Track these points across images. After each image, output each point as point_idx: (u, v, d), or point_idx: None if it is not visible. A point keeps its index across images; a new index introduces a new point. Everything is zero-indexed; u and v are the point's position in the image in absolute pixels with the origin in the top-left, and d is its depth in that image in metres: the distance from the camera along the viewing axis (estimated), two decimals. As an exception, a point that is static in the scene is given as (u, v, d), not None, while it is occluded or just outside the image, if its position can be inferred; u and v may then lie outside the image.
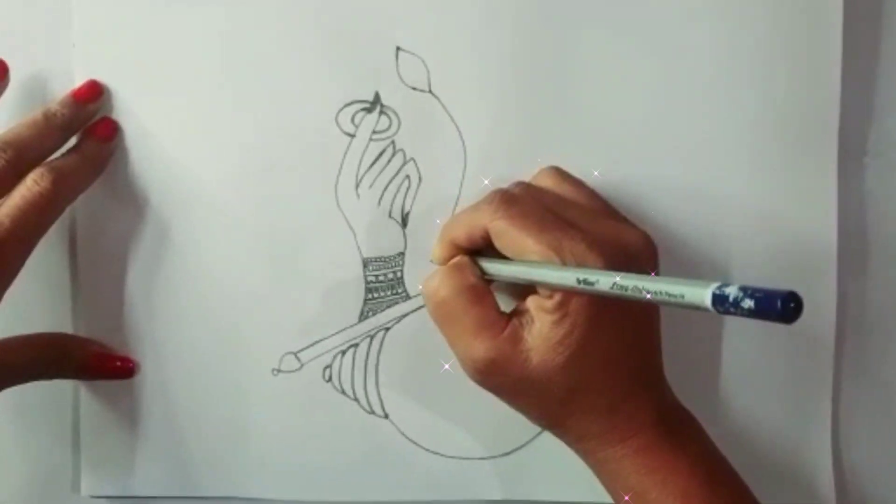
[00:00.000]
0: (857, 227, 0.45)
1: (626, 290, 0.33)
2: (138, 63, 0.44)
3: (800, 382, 0.45)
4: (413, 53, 0.44)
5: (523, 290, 0.40)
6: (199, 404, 0.45)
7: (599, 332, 0.37)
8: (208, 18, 0.44)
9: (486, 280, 0.40)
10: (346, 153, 0.44)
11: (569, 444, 0.40)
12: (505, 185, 0.42)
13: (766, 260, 0.44)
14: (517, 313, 0.39)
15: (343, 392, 0.45)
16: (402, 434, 0.45)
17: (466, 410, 0.45)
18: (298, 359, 0.45)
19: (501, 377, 0.38)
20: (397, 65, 0.44)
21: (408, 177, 0.45)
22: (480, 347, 0.38)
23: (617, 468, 0.38)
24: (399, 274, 0.45)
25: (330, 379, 0.45)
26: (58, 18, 0.44)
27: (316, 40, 0.44)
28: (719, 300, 0.29)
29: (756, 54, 0.44)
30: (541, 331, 0.37)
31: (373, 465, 0.45)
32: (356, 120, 0.44)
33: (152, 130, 0.44)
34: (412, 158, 0.44)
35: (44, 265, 0.44)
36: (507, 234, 0.38)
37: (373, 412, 0.45)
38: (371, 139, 0.44)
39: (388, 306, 0.45)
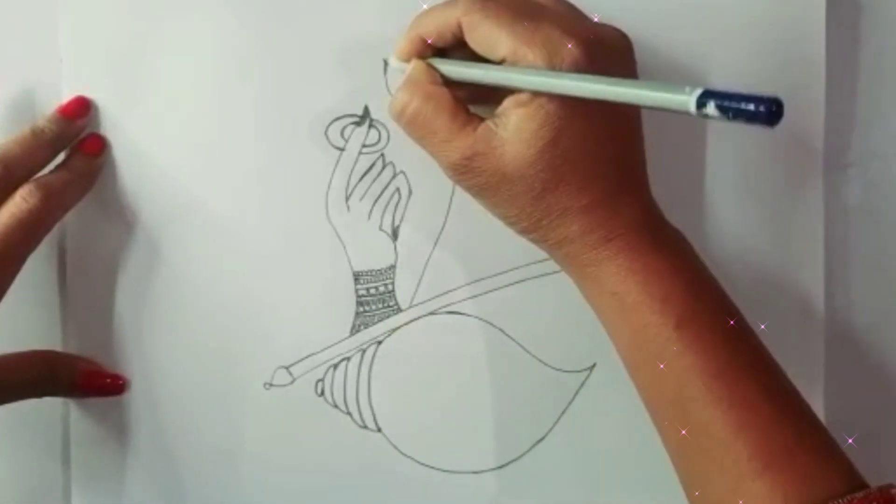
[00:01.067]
0: (843, 237, 0.46)
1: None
2: (126, 78, 0.44)
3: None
4: (402, 67, 0.44)
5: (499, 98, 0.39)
6: (191, 420, 0.45)
7: (576, 126, 0.36)
8: (196, 33, 0.44)
9: (452, 85, 0.39)
10: (335, 167, 0.44)
11: (550, 251, 0.39)
12: None
13: (756, 268, 0.45)
14: (494, 115, 0.38)
15: (336, 406, 0.45)
16: (396, 448, 0.45)
17: (460, 424, 0.45)
18: (290, 373, 0.45)
19: (477, 175, 0.38)
20: (386, 78, 0.44)
21: (398, 190, 0.45)
22: (455, 149, 0.38)
23: (597, 271, 0.38)
24: (390, 287, 0.45)
25: (322, 393, 0.45)
26: (44, 34, 0.43)
27: (304, 55, 0.44)
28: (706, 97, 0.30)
29: (739, 66, 0.44)
30: (516, 125, 0.37)
31: (366, 479, 0.45)
32: (346, 133, 0.44)
33: (141, 145, 0.44)
34: (402, 171, 0.44)
35: (33, 282, 0.44)
36: (481, 27, 0.37)
37: (366, 426, 0.45)
38: (361, 152, 0.44)
39: (380, 319, 0.45)
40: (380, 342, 0.45)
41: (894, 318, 0.46)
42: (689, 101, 0.30)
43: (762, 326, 0.38)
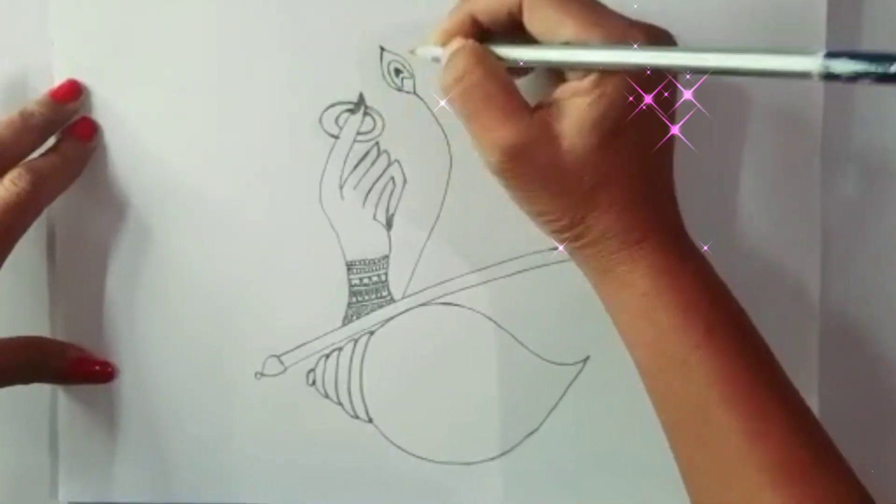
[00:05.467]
0: (841, 231, 0.45)
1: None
2: (118, 62, 0.43)
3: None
4: (397, 54, 0.43)
5: (545, 87, 0.38)
6: (181, 408, 0.45)
7: (632, 120, 0.35)
8: (190, 17, 0.43)
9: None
10: (329, 154, 0.44)
11: (580, 249, 0.38)
12: None
13: (752, 263, 0.45)
14: (543, 105, 0.37)
15: (327, 396, 0.45)
16: (387, 439, 0.45)
17: (452, 415, 0.45)
18: (282, 362, 0.44)
19: (529, 165, 0.36)
20: (381, 65, 0.43)
21: (392, 178, 0.44)
22: (509, 133, 0.36)
23: (629, 271, 0.37)
24: (384, 277, 0.44)
25: (314, 383, 0.44)
26: (36, 16, 0.43)
27: (299, 40, 0.43)
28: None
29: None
30: (574, 114, 0.35)
31: (357, 470, 0.45)
32: (340, 121, 0.44)
33: (133, 130, 0.44)
34: (397, 160, 0.44)
35: (21, 267, 0.43)
36: (544, 5, 0.36)
37: (357, 417, 0.45)
38: (355, 140, 0.44)
39: (373, 310, 0.44)
40: (372, 332, 0.44)
41: (891, 311, 0.46)
42: (813, 62, 0.29)
43: (757, 320, 0.38)
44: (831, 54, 0.29)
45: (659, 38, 0.36)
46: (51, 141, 0.43)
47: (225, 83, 0.43)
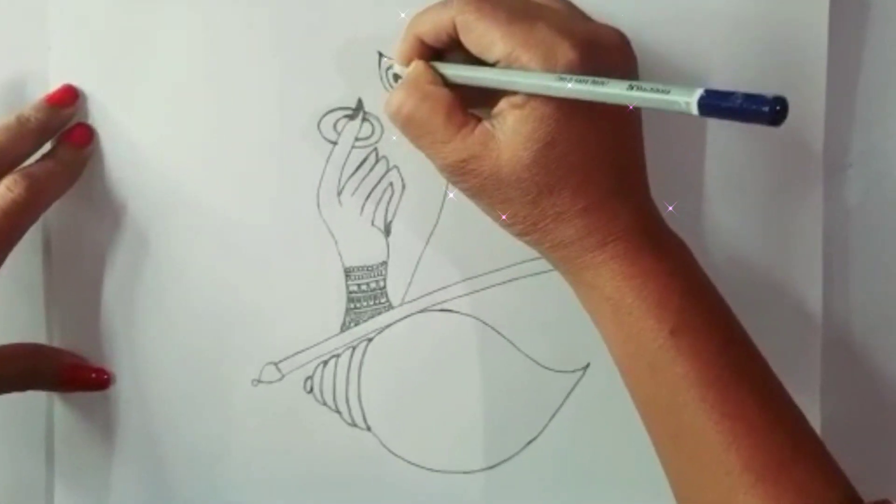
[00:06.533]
0: (842, 236, 0.45)
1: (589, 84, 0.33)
2: (115, 67, 0.43)
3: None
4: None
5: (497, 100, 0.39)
6: (177, 416, 0.44)
7: (573, 128, 0.36)
8: (187, 23, 0.43)
9: (451, 86, 0.39)
10: (328, 160, 0.44)
11: (546, 254, 0.39)
12: None
13: (754, 270, 0.44)
14: (491, 116, 0.38)
15: (324, 403, 0.44)
16: (385, 447, 0.44)
17: (451, 423, 0.44)
18: (279, 369, 0.44)
19: (473, 177, 0.37)
20: (380, 71, 0.43)
21: (391, 184, 0.44)
22: (452, 151, 0.37)
23: (593, 276, 0.37)
24: (382, 284, 0.44)
25: (311, 390, 0.44)
26: (33, 21, 0.43)
27: (297, 46, 0.43)
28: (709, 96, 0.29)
29: (740, 65, 0.44)
30: (511, 127, 0.36)
31: (355, 478, 0.44)
32: (338, 127, 0.44)
33: (129, 136, 0.43)
34: (395, 166, 0.44)
35: (17, 274, 0.43)
36: (475, 27, 0.37)
37: (355, 424, 0.44)
38: (354, 146, 0.44)
39: (371, 317, 0.44)
40: (370, 339, 0.44)
41: (893, 322, 0.46)
42: (690, 102, 0.30)
43: (759, 329, 0.38)
44: (709, 94, 0.30)
45: (593, 45, 0.36)
46: (47, 146, 0.43)
47: (222, 89, 0.43)
